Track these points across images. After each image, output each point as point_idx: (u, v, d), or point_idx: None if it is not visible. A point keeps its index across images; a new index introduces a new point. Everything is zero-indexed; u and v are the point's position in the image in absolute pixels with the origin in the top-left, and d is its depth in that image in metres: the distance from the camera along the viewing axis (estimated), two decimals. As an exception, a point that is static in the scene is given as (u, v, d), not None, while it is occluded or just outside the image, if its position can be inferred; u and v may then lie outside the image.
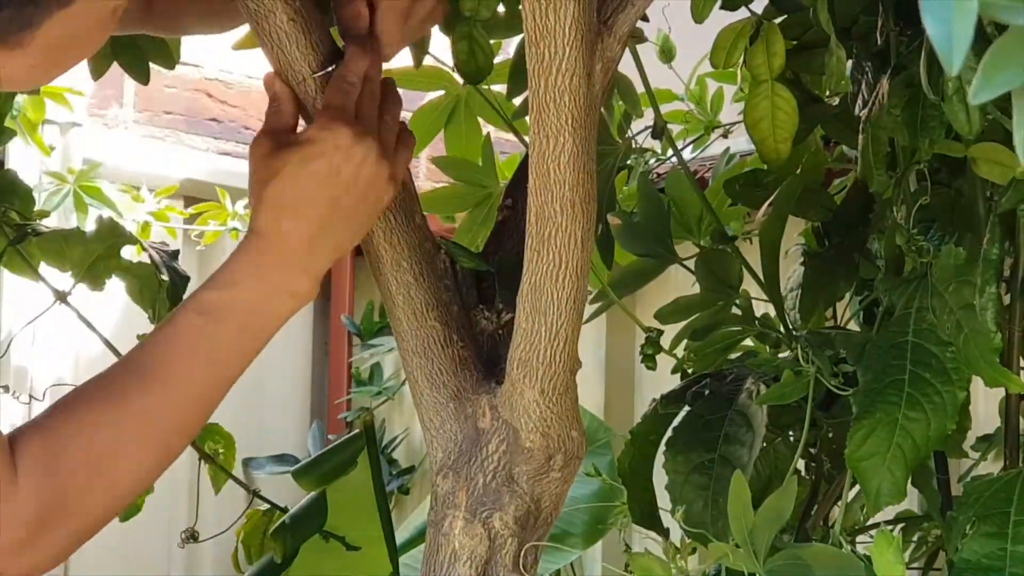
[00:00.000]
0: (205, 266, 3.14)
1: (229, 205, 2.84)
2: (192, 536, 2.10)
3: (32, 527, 0.97)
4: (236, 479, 2.05)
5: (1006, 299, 1.27)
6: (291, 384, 3.39)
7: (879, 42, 1.26)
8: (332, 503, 1.78)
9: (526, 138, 1.73)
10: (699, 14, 1.28)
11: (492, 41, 1.34)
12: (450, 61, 1.59)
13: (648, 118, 1.62)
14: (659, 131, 1.60)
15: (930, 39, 0.50)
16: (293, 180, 1.04)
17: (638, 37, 1.29)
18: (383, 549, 1.71)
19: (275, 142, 1.07)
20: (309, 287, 1.07)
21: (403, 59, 1.37)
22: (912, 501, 1.70)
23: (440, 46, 1.56)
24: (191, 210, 2.87)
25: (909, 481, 1.20)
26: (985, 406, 1.55)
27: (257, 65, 1.28)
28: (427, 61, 1.58)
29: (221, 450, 2.01)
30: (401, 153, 1.11)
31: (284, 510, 1.92)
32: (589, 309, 1.49)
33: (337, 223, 1.06)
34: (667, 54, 1.97)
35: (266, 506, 2.01)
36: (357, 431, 1.82)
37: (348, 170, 1.05)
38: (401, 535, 2.26)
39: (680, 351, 1.49)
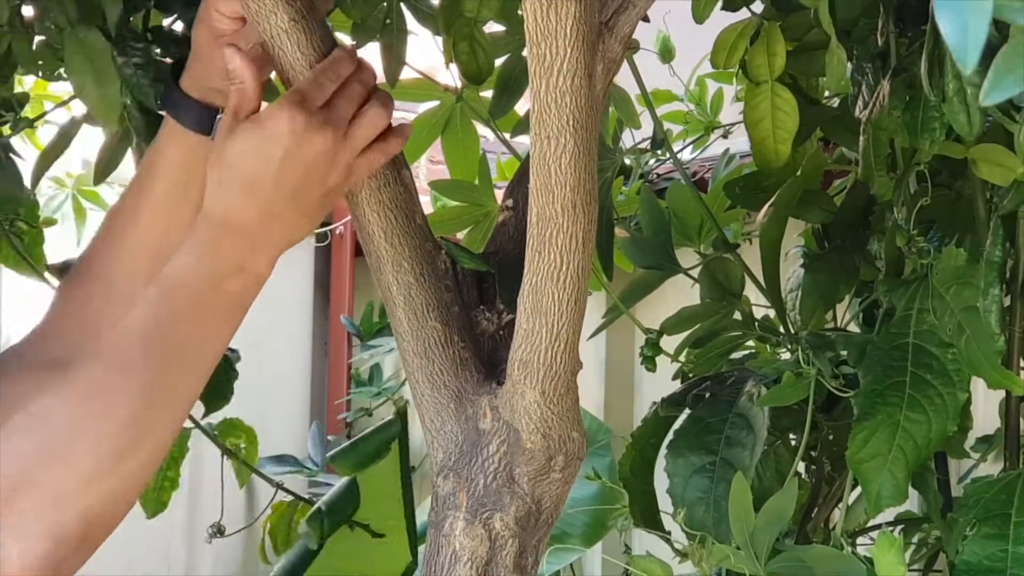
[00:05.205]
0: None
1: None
2: (219, 531, 2.11)
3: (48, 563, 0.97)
4: (260, 473, 2.06)
5: (1006, 301, 1.27)
6: (291, 384, 3.39)
7: (879, 44, 1.26)
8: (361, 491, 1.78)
9: (517, 148, 1.75)
10: (700, 15, 1.29)
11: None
12: (437, 76, 1.61)
13: (647, 126, 1.62)
14: (659, 143, 1.60)
15: (944, 38, 0.50)
16: (245, 159, 1.06)
17: (632, 47, 1.29)
18: (404, 537, 1.72)
19: (236, 122, 1.08)
20: (260, 265, 1.08)
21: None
22: (912, 502, 1.70)
23: (428, 61, 1.58)
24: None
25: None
26: (985, 407, 1.55)
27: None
28: (415, 77, 1.61)
29: (243, 444, 2.02)
30: (376, 150, 1.12)
31: (309, 502, 1.93)
32: (596, 323, 1.51)
33: (288, 205, 1.07)
34: (667, 55, 1.98)
35: (287, 499, 2.02)
36: (390, 418, 1.82)
37: (303, 155, 1.06)
38: (400, 536, 2.26)
39: (682, 357, 1.49)
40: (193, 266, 1.06)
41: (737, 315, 1.44)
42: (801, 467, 1.49)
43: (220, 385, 1.83)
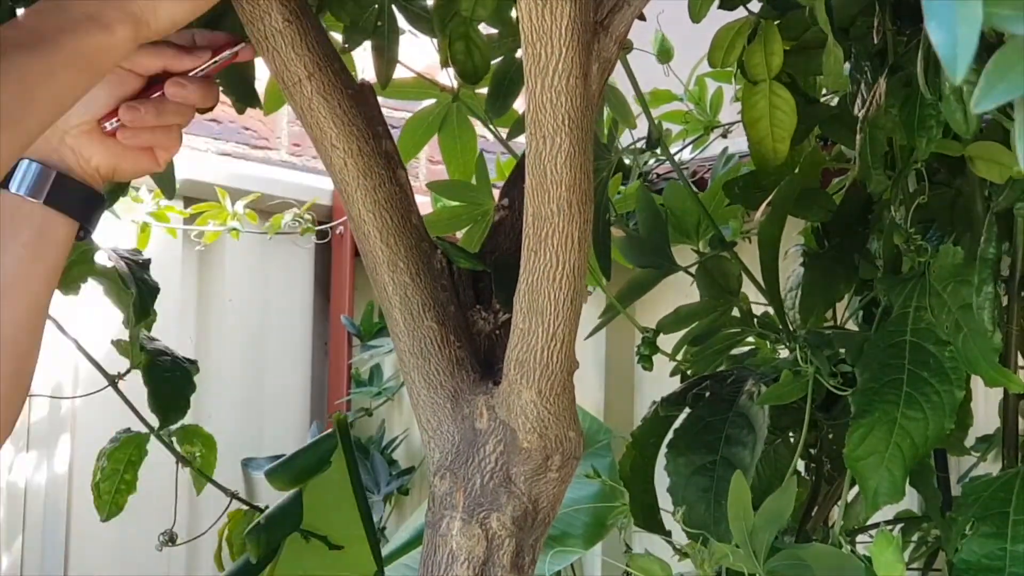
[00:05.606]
0: (205, 267, 3.14)
1: (228, 205, 2.83)
2: (171, 539, 2.10)
3: None
4: (214, 482, 2.05)
5: (1004, 299, 1.26)
6: (291, 384, 3.38)
7: (876, 42, 1.26)
8: (310, 503, 1.78)
9: (515, 148, 1.75)
10: (696, 14, 1.28)
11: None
12: (435, 76, 1.61)
13: (645, 126, 1.62)
14: (655, 143, 1.60)
15: (934, 46, 0.50)
16: None
17: (626, 47, 1.29)
18: (365, 548, 1.71)
19: None
20: (116, 16, 0.97)
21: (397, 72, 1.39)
22: (912, 501, 1.69)
23: (426, 60, 1.58)
24: (191, 210, 2.86)
25: (907, 480, 1.20)
26: (985, 406, 1.54)
27: (257, 66, 1.28)
28: (411, 76, 1.61)
29: (199, 452, 2.02)
30: None
31: (262, 510, 1.92)
32: (593, 323, 1.50)
33: None
34: (665, 55, 1.97)
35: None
36: (327, 432, 1.83)
37: None
38: (401, 536, 2.26)
39: (680, 355, 1.49)
40: (32, 17, 0.97)
41: (735, 312, 1.44)
42: (801, 465, 1.49)
43: (175, 396, 1.83)
